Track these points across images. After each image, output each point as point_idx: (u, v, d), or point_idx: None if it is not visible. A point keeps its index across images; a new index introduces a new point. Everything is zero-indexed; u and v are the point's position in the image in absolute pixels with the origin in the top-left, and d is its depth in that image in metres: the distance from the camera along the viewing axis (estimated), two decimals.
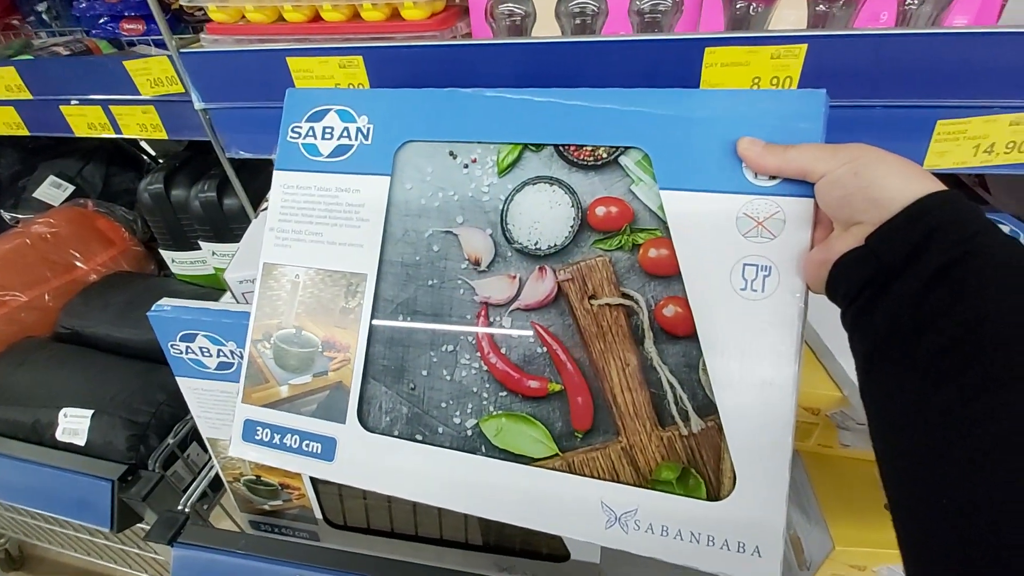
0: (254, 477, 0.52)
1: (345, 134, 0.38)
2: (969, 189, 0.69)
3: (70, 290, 0.75)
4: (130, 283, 0.76)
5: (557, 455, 0.33)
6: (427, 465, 0.35)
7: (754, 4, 0.42)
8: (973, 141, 0.41)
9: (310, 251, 0.38)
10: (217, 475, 0.54)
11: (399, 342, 0.36)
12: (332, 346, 0.38)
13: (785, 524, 0.29)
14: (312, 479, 0.51)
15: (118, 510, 0.52)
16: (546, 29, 0.46)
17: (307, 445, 0.37)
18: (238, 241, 0.71)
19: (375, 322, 0.37)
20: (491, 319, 0.35)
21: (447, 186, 0.37)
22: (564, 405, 0.34)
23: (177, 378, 0.46)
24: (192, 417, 0.49)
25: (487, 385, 0.35)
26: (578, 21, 0.46)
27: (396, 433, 0.36)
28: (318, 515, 0.54)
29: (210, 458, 0.54)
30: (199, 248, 0.73)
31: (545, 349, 0.34)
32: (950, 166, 0.41)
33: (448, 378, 0.35)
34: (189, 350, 0.44)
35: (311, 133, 0.39)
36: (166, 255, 0.77)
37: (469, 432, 0.35)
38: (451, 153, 0.37)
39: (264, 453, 0.38)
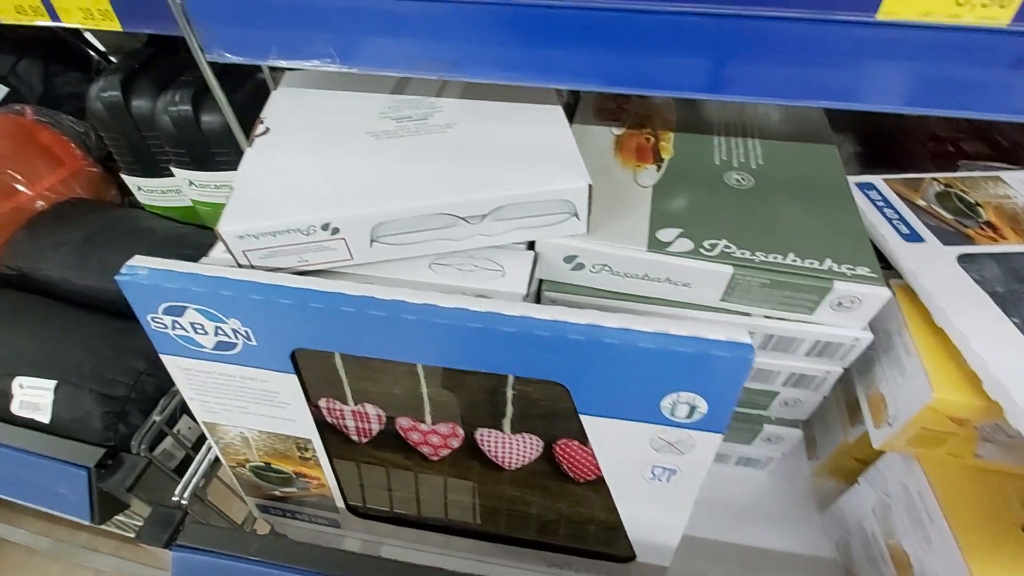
0: (263, 464, 0.44)
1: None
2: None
3: (12, 221, 0.61)
4: (88, 214, 0.63)
5: None
6: None
7: None
8: None
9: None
10: (216, 456, 0.46)
11: None
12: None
13: None
14: (333, 466, 0.43)
15: (98, 501, 0.43)
16: None
17: None
18: (221, 169, 0.58)
19: None
20: None
21: None
22: None
23: (161, 356, 0.36)
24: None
25: None
26: None
27: None
28: (339, 504, 0.46)
29: (205, 438, 0.45)
30: (171, 175, 0.60)
31: None
32: (912, 17, 0.28)
33: None
34: (177, 325, 0.34)
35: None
36: (130, 181, 0.63)
37: None
38: None
39: None
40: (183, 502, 0.43)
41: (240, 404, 0.38)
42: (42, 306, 0.51)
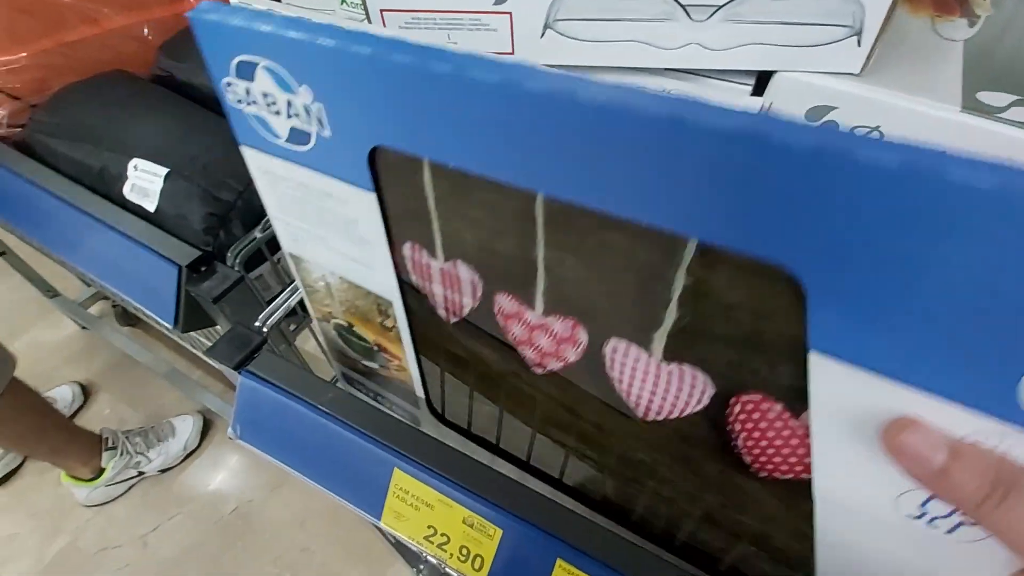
0: (346, 324, 0.36)
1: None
2: None
3: (172, 27, 0.62)
4: None
5: None
6: None
7: None
8: None
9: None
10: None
11: None
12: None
13: None
14: (415, 344, 0.33)
15: (184, 306, 0.40)
16: None
17: None
18: None
19: None
20: None
21: None
22: None
23: (241, 149, 0.28)
24: None
25: None
26: None
27: None
28: (419, 392, 0.38)
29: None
30: None
31: None
32: None
33: None
34: (250, 97, 0.25)
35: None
36: None
37: None
38: None
39: None
40: (264, 329, 0.37)
41: (320, 232, 0.30)
42: (177, 104, 0.49)
